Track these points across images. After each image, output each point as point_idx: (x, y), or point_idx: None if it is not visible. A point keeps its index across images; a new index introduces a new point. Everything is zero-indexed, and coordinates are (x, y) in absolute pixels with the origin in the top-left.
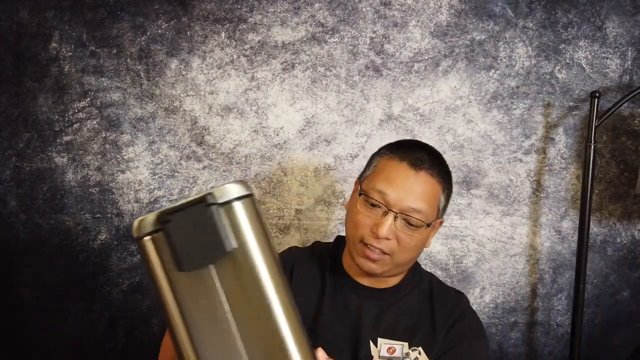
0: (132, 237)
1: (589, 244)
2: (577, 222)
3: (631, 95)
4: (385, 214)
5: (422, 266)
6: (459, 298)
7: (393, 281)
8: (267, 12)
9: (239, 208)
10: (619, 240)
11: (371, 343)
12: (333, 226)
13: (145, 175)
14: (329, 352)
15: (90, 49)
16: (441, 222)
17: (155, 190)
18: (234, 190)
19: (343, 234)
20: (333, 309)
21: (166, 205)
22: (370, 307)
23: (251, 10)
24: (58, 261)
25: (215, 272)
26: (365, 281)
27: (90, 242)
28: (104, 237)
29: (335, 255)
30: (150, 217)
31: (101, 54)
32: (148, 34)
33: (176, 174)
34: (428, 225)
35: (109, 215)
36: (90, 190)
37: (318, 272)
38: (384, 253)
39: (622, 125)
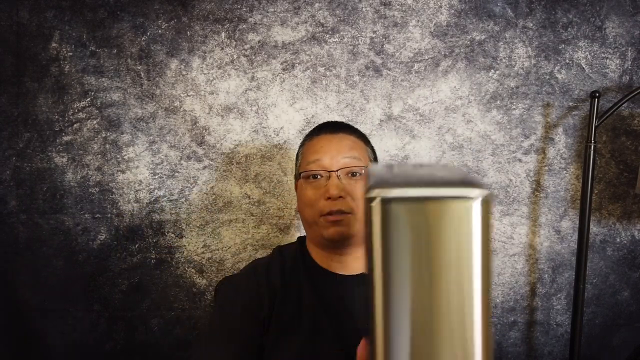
0: (131, 237)
1: (589, 244)
2: (577, 222)
3: (631, 95)
4: (328, 177)
5: None
6: None
7: None
8: (267, 12)
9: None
10: (618, 240)
11: None
12: None
13: (145, 175)
14: (330, 357)
15: (90, 49)
16: None
17: (156, 190)
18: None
19: None
20: (317, 312)
21: (166, 205)
22: (354, 294)
23: (251, 10)
24: (58, 261)
25: None
26: (343, 269)
27: (90, 242)
28: (103, 237)
29: (304, 253)
30: None
31: (101, 54)
32: (148, 34)
33: (176, 174)
34: None
35: (109, 215)
36: (90, 190)
37: (291, 278)
38: (345, 213)
39: (622, 125)
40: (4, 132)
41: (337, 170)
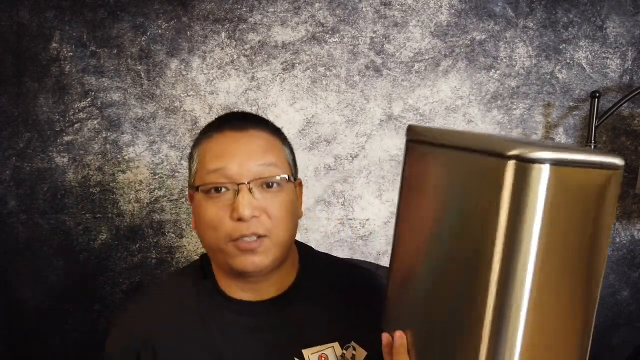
0: (132, 237)
1: None
2: None
3: (631, 95)
4: (237, 191)
5: None
6: (374, 269)
7: (286, 281)
8: (267, 12)
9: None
10: (618, 240)
11: None
12: (333, 226)
13: (145, 175)
14: None
15: (90, 49)
16: (301, 184)
17: (156, 190)
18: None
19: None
20: (221, 349)
21: (166, 205)
22: (275, 323)
23: (251, 10)
24: (58, 261)
25: None
26: (255, 296)
27: (91, 242)
28: (104, 237)
29: (207, 278)
30: None
31: (101, 54)
32: (148, 34)
33: (176, 174)
34: (288, 179)
35: (110, 215)
36: (90, 190)
37: (188, 313)
38: (260, 236)
39: (622, 125)
40: (4, 132)
41: (248, 182)
